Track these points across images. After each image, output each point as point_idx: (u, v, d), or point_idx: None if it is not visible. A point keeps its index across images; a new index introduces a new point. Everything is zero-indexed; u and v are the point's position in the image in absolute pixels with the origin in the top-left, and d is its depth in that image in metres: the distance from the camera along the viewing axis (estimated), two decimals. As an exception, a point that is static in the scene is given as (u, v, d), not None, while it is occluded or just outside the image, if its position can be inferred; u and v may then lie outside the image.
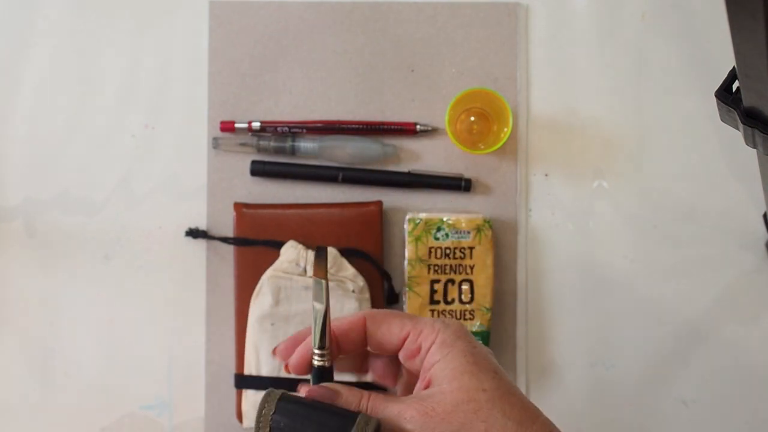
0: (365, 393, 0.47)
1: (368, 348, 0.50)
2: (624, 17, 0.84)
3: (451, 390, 0.44)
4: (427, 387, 0.46)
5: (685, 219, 0.83)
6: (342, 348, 0.49)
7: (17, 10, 0.85)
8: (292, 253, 0.78)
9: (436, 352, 0.46)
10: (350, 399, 0.46)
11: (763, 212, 0.81)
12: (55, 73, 0.85)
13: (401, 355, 0.48)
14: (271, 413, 0.44)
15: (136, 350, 0.83)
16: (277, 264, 0.79)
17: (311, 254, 0.78)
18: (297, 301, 0.78)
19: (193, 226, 0.82)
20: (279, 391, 0.45)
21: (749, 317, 0.82)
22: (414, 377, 0.48)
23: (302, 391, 0.47)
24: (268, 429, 0.43)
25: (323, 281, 0.48)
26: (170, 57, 0.84)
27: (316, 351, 0.48)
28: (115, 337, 0.83)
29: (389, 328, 0.48)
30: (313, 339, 0.48)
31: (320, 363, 0.48)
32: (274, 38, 0.84)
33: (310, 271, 0.78)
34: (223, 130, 0.83)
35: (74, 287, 0.83)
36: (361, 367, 0.53)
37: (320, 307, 0.47)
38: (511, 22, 0.83)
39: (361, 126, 0.82)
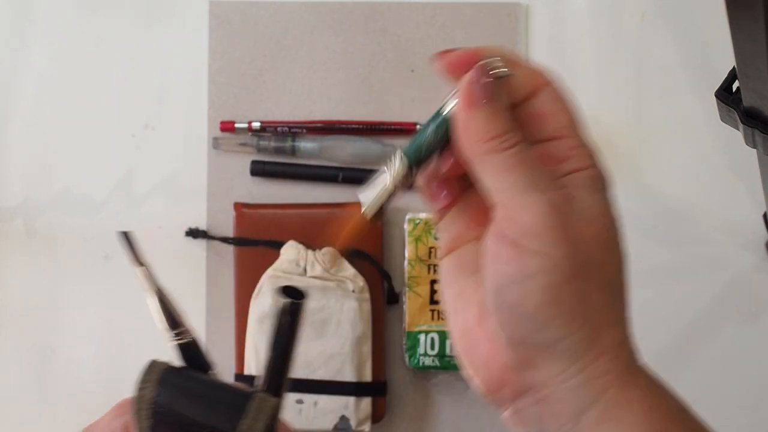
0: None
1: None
2: (624, 17, 0.84)
3: (596, 225, 0.35)
4: (567, 192, 0.35)
5: (685, 219, 0.83)
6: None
7: (17, 10, 0.85)
8: (292, 253, 0.78)
9: (586, 178, 0.36)
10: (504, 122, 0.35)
11: (763, 212, 0.81)
12: (55, 73, 0.85)
13: (540, 149, 0.36)
14: (152, 396, 0.37)
15: (136, 350, 0.83)
16: (277, 264, 0.79)
17: (311, 254, 0.78)
18: (297, 301, 0.78)
19: (193, 226, 0.82)
20: (160, 365, 0.38)
21: (749, 317, 0.82)
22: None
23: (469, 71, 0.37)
24: (150, 413, 0.37)
25: (143, 268, 0.41)
26: (170, 57, 0.84)
27: (173, 334, 0.42)
28: (115, 337, 0.83)
29: (558, 114, 0.37)
30: (163, 325, 0.41)
31: (183, 341, 0.44)
32: (274, 38, 0.84)
33: (310, 271, 0.78)
34: (223, 130, 0.83)
35: (74, 287, 0.83)
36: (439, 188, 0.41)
37: (153, 296, 0.41)
38: (511, 22, 0.83)
39: (361, 126, 0.82)
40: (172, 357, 0.84)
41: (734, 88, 0.50)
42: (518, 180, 0.33)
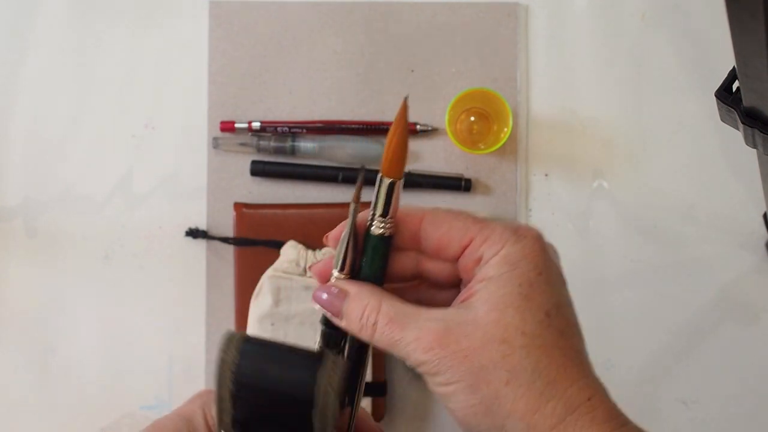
0: (378, 297, 0.39)
1: (421, 249, 0.41)
2: (624, 17, 0.84)
3: (486, 323, 0.36)
4: (465, 301, 0.38)
5: (685, 219, 0.83)
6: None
7: (17, 10, 0.85)
8: (292, 253, 0.78)
9: (492, 266, 0.38)
10: (355, 304, 0.39)
11: (763, 212, 0.81)
12: (55, 73, 0.85)
13: (459, 265, 0.40)
14: (234, 360, 0.39)
15: (136, 350, 0.83)
16: (277, 264, 0.79)
17: (311, 254, 0.78)
18: (297, 301, 0.78)
19: (193, 226, 0.82)
20: (239, 334, 0.40)
21: (749, 317, 0.82)
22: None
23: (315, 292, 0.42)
24: (230, 376, 0.39)
25: (353, 204, 0.42)
26: (170, 57, 0.85)
27: (334, 272, 0.42)
28: (115, 337, 0.83)
29: (449, 232, 0.39)
30: (336, 259, 0.42)
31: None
32: (274, 38, 0.84)
33: (310, 271, 0.78)
34: (223, 130, 0.83)
35: (74, 287, 0.83)
36: (411, 271, 0.43)
37: (347, 231, 0.41)
38: (511, 22, 0.83)
39: (361, 126, 0.82)
40: (172, 357, 0.85)
41: (734, 88, 0.50)
42: (400, 348, 0.37)
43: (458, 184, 0.82)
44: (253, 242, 0.80)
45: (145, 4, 0.85)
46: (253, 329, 0.78)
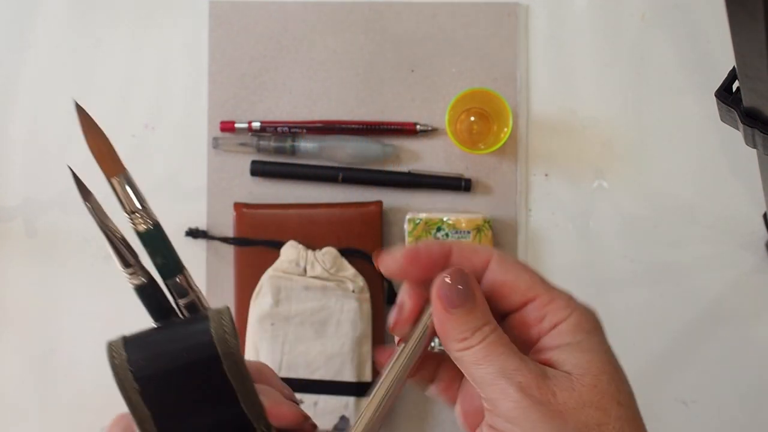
0: (492, 318, 0.37)
1: (481, 291, 0.38)
2: (624, 17, 0.84)
3: (582, 385, 0.34)
4: (545, 365, 0.36)
5: (685, 219, 0.83)
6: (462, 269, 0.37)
7: (17, 11, 0.85)
8: (292, 253, 0.78)
9: (566, 332, 0.36)
10: (480, 311, 0.36)
11: (763, 212, 0.81)
12: (55, 73, 0.85)
13: (514, 318, 0.38)
14: (126, 359, 0.37)
15: (136, 350, 0.83)
16: (277, 264, 0.79)
17: (311, 254, 0.78)
18: (297, 301, 0.78)
19: (193, 226, 0.82)
20: (118, 337, 0.38)
21: (749, 317, 0.82)
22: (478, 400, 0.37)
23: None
24: (130, 375, 0.36)
25: (89, 203, 0.40)
26: (170, 57, 0.85)
27: (126, 274, 0.41)
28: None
29: (516, 281, 0.37)
30: (117, 265, 0.40)
31: (136, 282, 0.42)
32: (274, 38, 0.84)
33: (310, 271, 0.78)
34: (223, 130, 0.83)
35: (74, 287, 0.83)
36: (427, 373, 0.41)
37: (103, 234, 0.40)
38: (511, 22, 0.83)
39: (361, 126, 0.82)
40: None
41: (734, 88, 0.50)
42: (488, 371, 0.35)
43: (458, 184, 0.82)
44: (253, 242, 0.80)
45: (145, 4, 0.85)
46: (253, 329, 0.78)
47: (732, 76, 0.49)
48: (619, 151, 0.83)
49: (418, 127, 0.82)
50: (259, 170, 0.82)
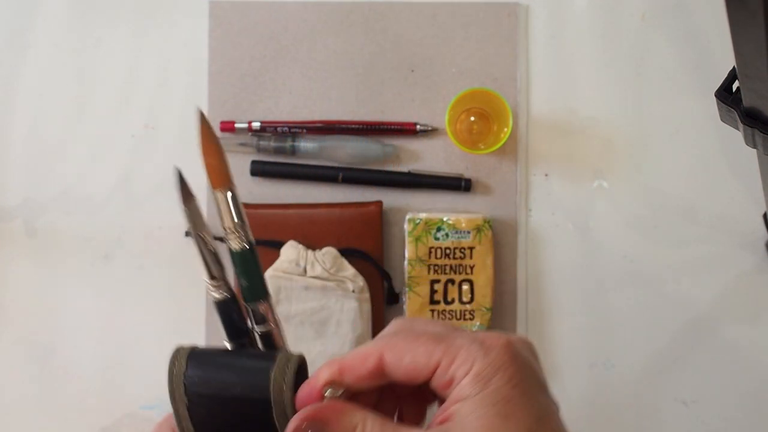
0: (363, 414, 0.38)
1: (389, 381, 0.40)
2: (624, 17, 0.84)
3: None
4: (442, 424, 0.37)
5: (685, 219, 0.83)
6: (352, 386, 0.39)
7: (17, 10, 0.85)
8: (292, 253, 0.78)
9: (467, 385, 0.36)
10: (347, 419, 0.37)
11: (763, 212, 0.81)
12: (55, 73, 0.85)
13: (432, 386, 0.38)
14: (183, 371, 0.38)
15: (136, 350, 0.83)
16: (277, 264, 0.79)
17: (311, 254, 0.78)
18: (297, 301, 0.78)
19: (193, 226, 0.82)
20: (188, 347, 0.40)
21: (749, 317, 0.82)
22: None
23: (302, 411, 0.39)
24: (183, 388, 0.38)
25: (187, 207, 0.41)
26: (170, 57, 0.85)
27: (208, 281, 0.42)
28: (115, 337, 0.83)
29: (414, 358, 0.37)
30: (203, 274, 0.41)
31: (220, 297, 0.43)
32: (274, 38, 0.84)
33: (310, 271, 0.78)
34: (223, 130, 0.83)
35: (74, 287, 0.83)
36: (384, 404, 0.43)
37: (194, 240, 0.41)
38: (511, 22, 0.83)
39: (361, 126, 0.82)
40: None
41: (734, 88, 0.50)
42: None
43: (458, 184, 0.82)
44: (253, 242, 0.80)
45: (145, 4, 0.85)
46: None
47: (732, 76, 0.49)
48: (619, 151, 0.83)
49: (418, 127, 0.82)
50: (259, 170, 0.82)
